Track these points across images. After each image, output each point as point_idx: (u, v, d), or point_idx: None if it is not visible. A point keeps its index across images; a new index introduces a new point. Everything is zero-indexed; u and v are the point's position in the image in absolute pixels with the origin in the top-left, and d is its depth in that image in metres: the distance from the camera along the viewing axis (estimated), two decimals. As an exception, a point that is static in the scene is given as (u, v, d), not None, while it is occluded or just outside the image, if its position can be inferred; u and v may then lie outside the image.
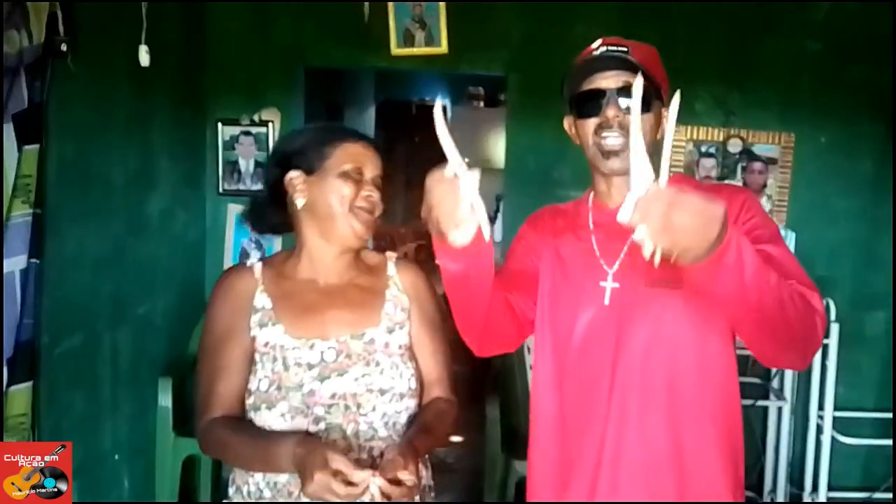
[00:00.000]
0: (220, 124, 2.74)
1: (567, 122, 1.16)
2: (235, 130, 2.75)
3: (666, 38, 2.53)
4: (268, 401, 1.11)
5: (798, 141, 2.73)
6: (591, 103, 1.09)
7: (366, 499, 0.95)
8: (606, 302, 1.09)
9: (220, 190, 2.78)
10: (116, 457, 2.21)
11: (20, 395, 1.68)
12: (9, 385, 1.65)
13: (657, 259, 0.79)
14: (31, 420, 1.72)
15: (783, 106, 2.73)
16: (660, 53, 1.13)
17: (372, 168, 1.18)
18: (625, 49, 1.08)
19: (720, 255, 0.80)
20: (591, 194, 1.19)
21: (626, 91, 1.03)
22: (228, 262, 2.81)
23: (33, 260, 1.72)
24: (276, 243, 2.79)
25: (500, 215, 4.71)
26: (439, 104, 0.86)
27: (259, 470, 1.12)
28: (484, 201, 0.87)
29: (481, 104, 6.10)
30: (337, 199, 1.15)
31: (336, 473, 0.94)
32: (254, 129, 2.75)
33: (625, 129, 1.04)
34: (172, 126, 2.51)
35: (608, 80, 1.07)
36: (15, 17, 1.64)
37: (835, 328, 2.52)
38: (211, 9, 2.72)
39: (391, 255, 1.28)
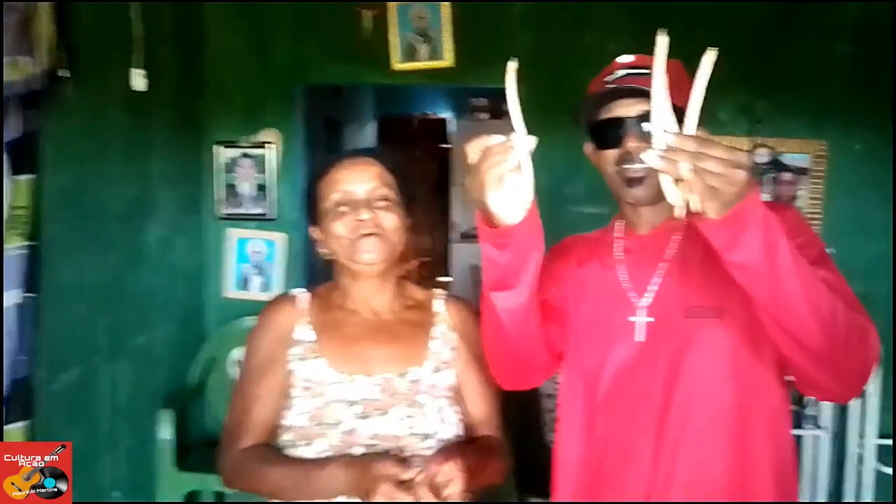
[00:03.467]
0: (218, 147, 2.85)
1: (587, 148, 1.16)
2: (235, 153, 2.86)
3: (685, 44, 2.54)
4: (306, 436, 1.14)
5: (831, 149, 2.73)
6: (610, 133, 1.08)
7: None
8: (640, 338, 1.08)
9: (220, 214, 2.89)
10: (116, 494, 2.29)
11: (16, 435, 1.74)
12: (6, 424, 1.71)
13: (683, 208, 0.81)
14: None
15: (814, 112, 2.74)
16: (679, 61, 1.09)
17: (366, 184, 1.18)
18: (646, 70, 1.04)
19: (745, 206, 0.80)
20: (618, 222, 1.19)
21: (646, 118, 1.02)
22: (229, 289, 2.90)
23: (29, 294, 1.79)
24: (278, 269, 2.89)
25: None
26: (512, 64, 0.87)
27: (298, 498, 1.12)
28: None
29: (486, 116, 6.21)
30: (335, 241, 1.19)
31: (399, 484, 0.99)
32: (253, 151, 2.85)
33: None
34: (170, 151, 2.62)
35: (628, 108, 1.06)
36: (25, 44, 1.71)
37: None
38: (208, 30, 2.84)
39: (440, 293, 1.31)
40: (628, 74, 1.08)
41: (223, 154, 2.86)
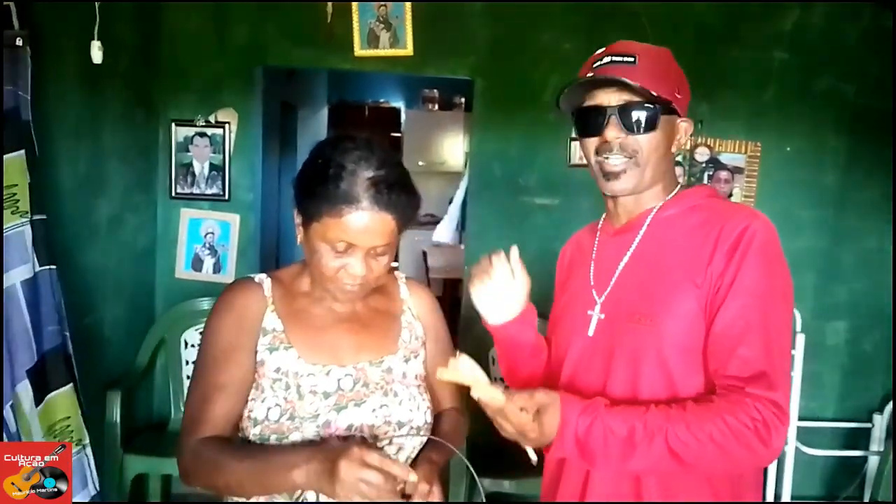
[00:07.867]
0: (173, 125, 2.83)
1: (575, 132, 1.18)
2: (190, 132, 2.84)
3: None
4: (279, 431, 1.09)
5: (764, 150, 2.95)
6: (591, 121, 1.10)
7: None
8: (590, 333, 1.13)
9: (173, 193, 2.87)
10: (62, 475, 2.27)
11: (62, 398, 1.91)
12: (49, 391, 1.88)
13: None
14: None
15: (750, 115, 2.94)
16: (668, 49, 1.14)
17: (370, 239, 1.07)
18: (631, 59, 1.06)
19: (557, 445, 0.99)
20: (604, 215, 1.23)
21: (627, 109, 1.07)
22: (181, 270, 2.90)
23: (47, 266, 1.88)
24: (231, 251, 2.90)
25: (457, 221, 4.91)
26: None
27: (257, 492, 1.07)
28: (437, 204, 0.99)
29: (436, 107, 6.34)
30: (317, 265, 1.11)
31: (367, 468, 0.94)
32: (209, 131, 2.85)
33: (627, 150, 1.08)
34: (123, 127, 2.59)
35: (609, 97, 1.08)
36: None
37: (800, 339, 2.76)
38: (166, 7, 2.81)
39: (400, 276, 1.30)
40: (613, 62, 1.09)
41: (178, 132, 2.84)
